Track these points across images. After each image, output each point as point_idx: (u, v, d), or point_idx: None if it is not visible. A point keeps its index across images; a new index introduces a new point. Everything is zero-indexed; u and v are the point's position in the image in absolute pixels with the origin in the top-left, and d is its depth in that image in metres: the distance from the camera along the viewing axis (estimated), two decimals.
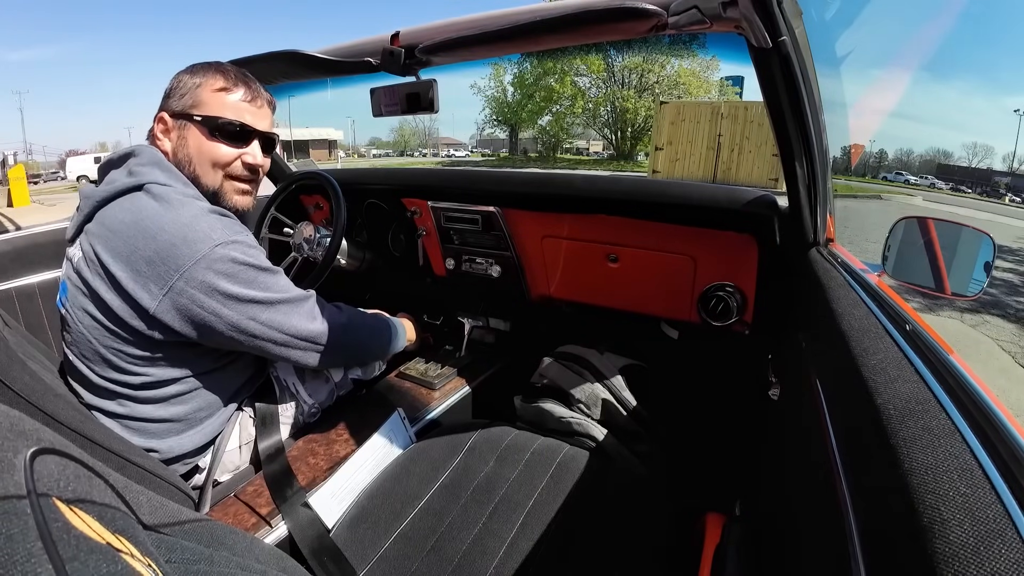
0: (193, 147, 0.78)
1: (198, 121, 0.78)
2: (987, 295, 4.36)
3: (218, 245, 0.70)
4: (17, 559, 0.22)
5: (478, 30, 0.72)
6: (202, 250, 0.69)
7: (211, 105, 0.78)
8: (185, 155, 0.79)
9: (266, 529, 0.76)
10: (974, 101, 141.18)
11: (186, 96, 0.78)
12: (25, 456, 0.28)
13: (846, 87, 0.89)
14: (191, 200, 0.74)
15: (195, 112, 0.78)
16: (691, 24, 0.59)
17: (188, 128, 0.78)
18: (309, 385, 1.02)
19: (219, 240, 0.70)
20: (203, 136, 0.78)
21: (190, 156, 0.79)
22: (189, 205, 0.72)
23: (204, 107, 0.78)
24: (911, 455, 0.29)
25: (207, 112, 0.78)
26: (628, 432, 1.09)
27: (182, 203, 0.72)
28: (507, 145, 34.32)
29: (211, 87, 0.78)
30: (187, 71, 0.80)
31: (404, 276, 1.51)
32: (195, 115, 0.78)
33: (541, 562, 0.68)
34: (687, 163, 13.18)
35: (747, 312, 1.04)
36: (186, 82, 0.79)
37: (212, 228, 0.71)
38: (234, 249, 0.72)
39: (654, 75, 22.51)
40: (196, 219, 0.71)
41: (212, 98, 0.78)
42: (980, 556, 0.22)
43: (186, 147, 0.79)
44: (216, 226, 0.71)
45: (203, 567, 0.36)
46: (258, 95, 0.82)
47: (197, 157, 0.79)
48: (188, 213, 0.71)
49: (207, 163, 0.79)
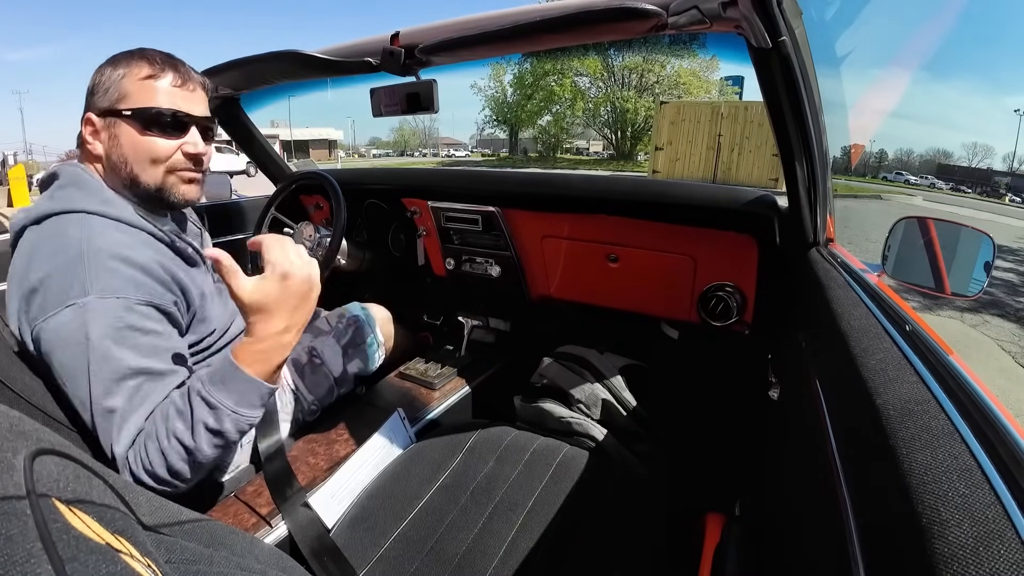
0: (127, 146, 0.71)
1: (127, 116, 0.70)
2: (987, 295, 4.36)
3: (68, 306, 0.62)
4: (17, 559, 0.22)
5: (478, 30, 0.72)
6: (54, 305, 0.62)
7: (139, 95, 0.70)
8: (120, 156, 0.72)
9: (266, 529, 0.76)
10: (974, 101, 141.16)
11: (111, 90, 0.70)
12: (25, 456, 0.28)
13: (846, 87, 0.89)
14: (94, 231, 0.66)
15: (122, 106, 0.70)
16: (691, 24, 0.59)
17: (118, 126, 0.71)
18: (309, 381, 1.03)
19: (73, 300, 0.62)
20: (135, 132, 0.71)
21: (125, 156, 0.71)
22: (88, 240, 0.65)
23: (131, 99, 0.70)
24: (911, 455, 0.29)
25: (136, 104, 0.70)
26: (628, 432, 1.09)
27: (77, 241, 0.65)
28: (507, 145, 34.35)
29: (136, 76, 0.70)
30: (108, 63, 0.72)
31: (404, 276, 1.51)
32: (123, 110, 0.70)
33: (541, 562, 0.68)
34: (687, 163, 13.19)
35: (747, 312, 1.04)
36: (109, 75, 0.71)
37: (85, 279, 0.63)
38: (92, 311, 0.62)
39: (654, 75, 22.53)
40: (74, 264, 0.63)
41: (139, 88, 0.70)
42: (979, 556, 0.22)
43: (119, 147, 0.71)
44: (91, 277, 0.63)
45: (203, 567, 0.36)
46: (189, 78, 0.74)
47: (133, 156, 0.71)
48: (72, 253, 0.64)
49: (145, 161, 0.72)
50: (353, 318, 1.16)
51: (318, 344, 1.08)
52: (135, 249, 0.68)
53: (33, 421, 0.33)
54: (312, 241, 1.28)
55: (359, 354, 1.13)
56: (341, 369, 1.08)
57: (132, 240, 0.69)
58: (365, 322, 1.17)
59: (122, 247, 0.67)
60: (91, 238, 0.65)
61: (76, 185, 0.70)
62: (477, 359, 1.30)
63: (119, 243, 0.67)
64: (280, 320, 0.66)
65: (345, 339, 1.12)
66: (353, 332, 1.14)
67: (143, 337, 0.66)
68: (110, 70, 0.71)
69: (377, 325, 1.20)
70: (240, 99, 1.25)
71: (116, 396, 0.63)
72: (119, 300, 0.64)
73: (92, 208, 0.68)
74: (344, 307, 1.20)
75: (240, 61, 1.01)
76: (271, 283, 0.65)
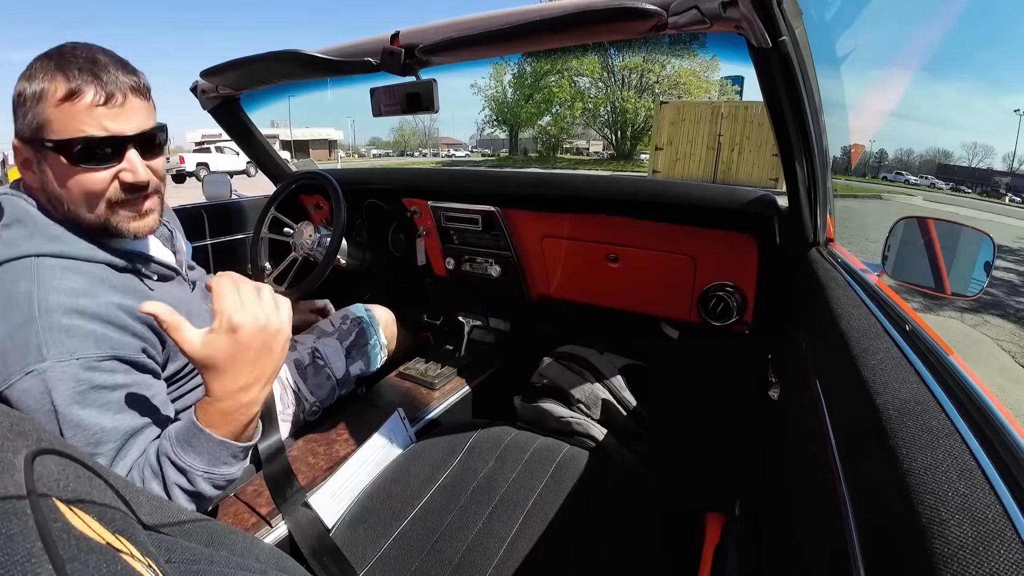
0: (58, 182, 0.62)
1: (50, 148, 0.60)
2: (987, 295, 4.36)
3: (28, 373, 0.57)
4: (17, 559, 0.22)
5: (478, 30, 0.72)
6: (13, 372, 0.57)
7: (60, 123, 0.60)
8: (54, 193, 0.63)
9: (266, 529, 0.77)
10: (974, 101, 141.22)
11: (29, 116, 0.60)
12: (25, 456, 0.28)
13: (846, 87, 0.89)
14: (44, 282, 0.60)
15: (44, 136, 0.60)
16: (691, 24, 0.59)
17: (45, 158, 0.62)
18: (311, 382, 1.03)
19: (31, 367, 0.57)
20: (63, 166, 0.61)
21: (59, 194, 0.63)
22: (39, 295, 0.59)
23: (52, 127, 0.60)
24: (911, 455, 0.29)
25: (57, 134, 0.60)
26: (628, 432, 1.09)
27: (28, 297, 0.59)
28: (507, 145, 34.35)
29: (54, 97, 0.59)
30: (24, 76, 0.61)
31: (404, 276, 1.51)
32: (45, 140, 0.60)
33: (541, 562, 0.68)
34: (687, 163, 13.19)
35: (747, 312, 1.04)
36: (26, 94, 0.60)
37: (40, 343, 0.57)
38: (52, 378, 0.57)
39: (654, 75, 22.52)
40: (27, 326, 0.58)
41: (59, 113, 0.60)
42: (979, 556, 0.23)
43: (51, 183, 0.63)
44: (46, 339, 0.58)
45: (203, 567, 0.36)
46: (115, 88, 0.61)
47: (66, 194, 0.63)
48: (24, 313, 0.58)
49: (79, 199, 0.63)
50: (357, 319, 1.16)
51: (321, 345, 1.08)
52: (91, 295, 0.62)
53: (33, 421, 0.33)
54: (312, 241, 1.28)
55: (362, 356, 1.13)
56: (344, 371, 1.08)
57: (87, 283, 0.63)
58: (369, 324, 1.17)
59: (76, 296, 0.61)
60: (42, 292, 0.59)
61: (22, 222, 0.63)
62: (477, 359, 1.30)
63: (73, 291, 0.61)
64: (235, 377, 0.59)
65: (348, 341, 1.12)
66: (357, 334, 1.14)
67: (111, 394, 0.61)
68: (26, 85, 0.60)
69: (381, 327, 1.20)
70: (240, 99, 1.25)
71: (98, 457, 0.59)
72: (79, 361, 0.59)
73: (41, 250, 0.62)
74: (348, 308, 1.20)
75: (240, 61, 1.01)
76: (219, 337, 0.58)
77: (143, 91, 0.66)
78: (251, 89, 1.17)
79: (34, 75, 0.60)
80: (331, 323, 1.15)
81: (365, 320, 1.17)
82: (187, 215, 1.44)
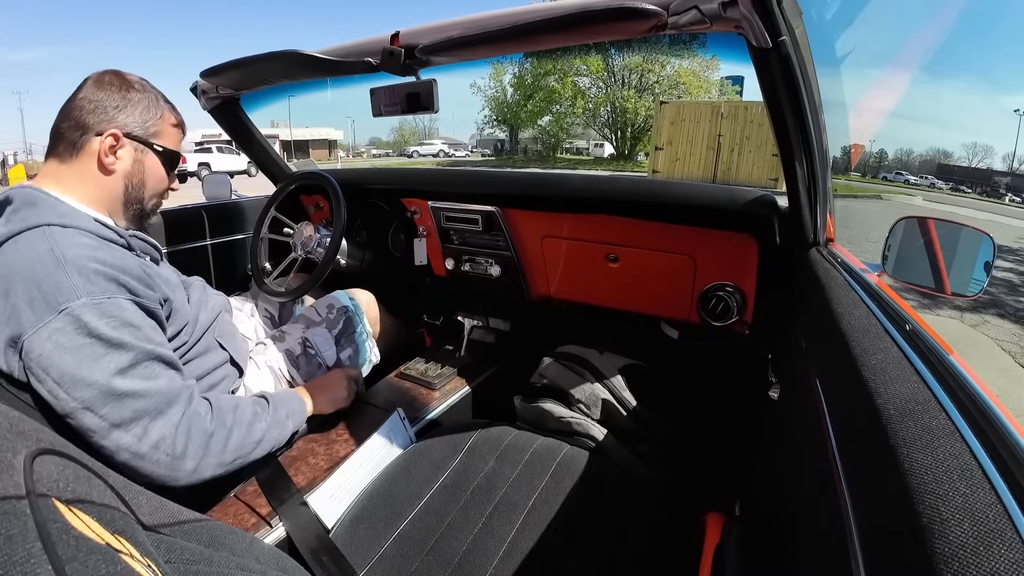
0: (150, 174, 0.81)
1: (159, 152, 0.81)
2: (987, 295, 4.36)
3: (62, 312, 0.62)
4: (17, 559, 0.22)
5: (478, 30, 0.72)
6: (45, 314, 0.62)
7: (170, 138, 0.83)
8: (139, 180, 0.80)
9: (266, 529, 0.76)
10: (974, 101, 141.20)
11: (149, 123, 0.79)
12: (25, 456, 0.28)
13: (846, 87, 0.89)
14: (60, 240, 0.66)
15: (156, 142, 0.81)
16: (691, 24, 0.59)
17: (147, 155, 0.80)
18: (304, 371, 1.05)
19: (64, 305, 0.62)
20: (160, 166, 0.82)
21: (144, 181, 0.81)
22: (59, 249, 0.65)
23: (163, 138, 0.82)
24: (911, 455, 0.29)
25: (168, 145, 0.82)
26: (628, 432, 1.09)
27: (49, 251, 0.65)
28: (507, 145, 34.34)
29: (170, 121, 0.82)
30: (139, 91, 0.79)
31: (404, 276, 1.51)
32: (156, 146, 0.81)
33: (541, 562, 0.68)
34: (687, 163, 13.18)
35: (747, 312, 1.04)
36: (149, 108, 0.79)
37: (72, 285, 0.63)
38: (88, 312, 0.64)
39: (654, 75, 22.50)
40: (54, 272, 0.63)
41: (171, 133, 0.83)
42: (980, 556, 0.22)
43: (142, 172, 0.80)
44: (77, 282, 0.64)
45: (203, 567, 0.36)
46: (183, 121, 0.87)
47: (151, 183, 0.82)
48: (48, 263, 0.64)
49: (157, 189, 0.84)
50: (343, 308, 1.18)
51: (310, 335, 1.10)
52: (105, 251, 0.70)
53: (33, 421, 0.33)
54: (312, 241, 1.28)
55: (350, 343, 1.15)
56: (335, 358, 1.10)
57: (98, 243, 0.70)
58: (354, 312, 1.19)
59: (93, 250, 0.68)
60: (61, 247, 0.65)
61: (31, 205, 0.70)
62: (477, 359, 1.30)
63: (88, 246, 0.68)
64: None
65: (336, 329, 1.14)
66: (344, 322, 1.16)
67: (140, 332, 0.69)
68: (145, 100, 0.79)
69: (363, 309, 1.22)
70: (240, 99, 1.25)
71: (132, 379, 0.65)
72: (110, 300, 0.66)
73: (51, 220, 0.68)
74: (331, 296, 1.21)
75: (240, 61, 1.01)
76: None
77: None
78: (251, 89, 1.17)
79: (151, 102, 0.80)
80: (317, 312, 1.16)
81: (350, 308, 1.19)
82: (187, 215, 1.44)
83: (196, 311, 0.89)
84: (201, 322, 0.89)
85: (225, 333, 0.95)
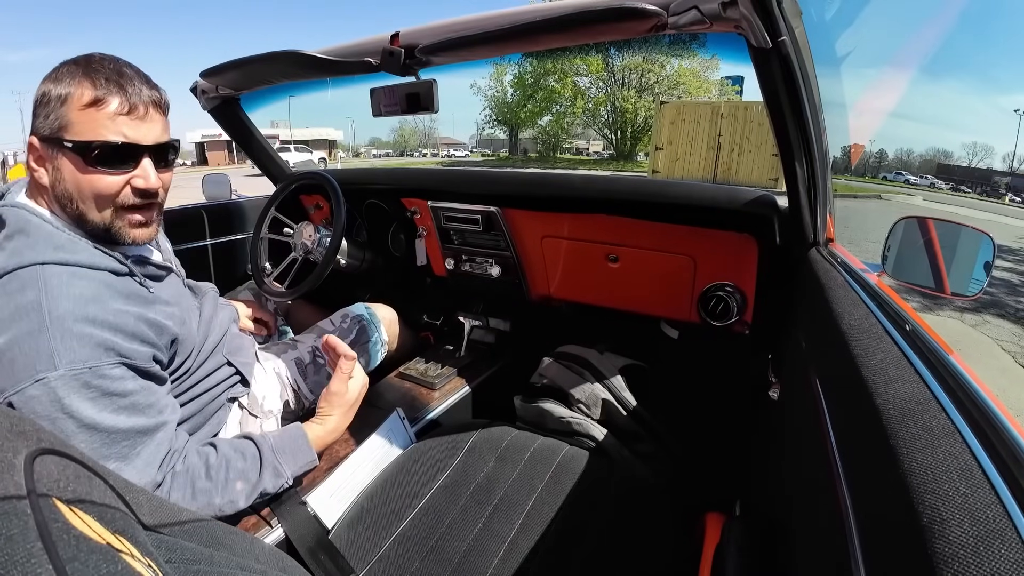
0: (70, 181, 0.65)
1: (69, 148, 0.63)
2: (987, 295, 4.36)
3: (38, 381, 0.57)
4: (17, 559, 0.22)
5: (478, 30, 0.72)
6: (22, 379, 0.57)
7: (82, 125, 0.63)
8: (64, 191, 0.65)
9: (266, 529, 0.76)
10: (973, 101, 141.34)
11: (51, 115, 0.63)
12: (25, 456, 0.28)
13: (846, 87, 0.89)
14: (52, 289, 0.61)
15: (64, 136, 0.63)
16: (691, 24, 0.59)
17: (60, 157, 0.64)
18: (311, 380, 1.03)
19: (41, 374, 0.57)
20: (79, 166, 0.64)
21: (69, 192, 0.65)
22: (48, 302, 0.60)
23: (73, 129, 0.63)
24: (911, 455, 0.29)
25: (78, 135, 0.63)
26: (628, 432, 1.09)
27: (37, 304, 0.59)
28: (507, 145, 34.33)
29: (79, 102, 0.63)
30: (51, 78, 0.64)
31: (404, 276, 1.51)
32: (64, 140, 0.63)
33: (541, 562, 0.68)
34: (687, 163, 13.18)
35: (747, 312, 1.04)
36: (50, 95, 0.63)
37: (52, 351, 0.58)
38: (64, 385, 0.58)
39: (654, 75, 22.50)
40: (37, 333, 0.58)
41: (82, 117, 0.63)
42: (980, 556, 0.22)
43: (63, 181, 0.65)
44: (58, 347, 0.58)
45: (203, 567, 0.36)
46: (138, 100, 0.65)
47: (77, 193, 0.65)
48: (34, 320, 0.59)
49: (89, 199, 0.65)
50: (357, 317, 1.16)
51: (322, 344, 1.08)
52: (100, 301, 0.63)
53: (33, 421, 0.33)
54: (312, 241, 1.28)
55: (363, 355, 1.13)
56: None
57: (94, 289, 0.64)
58: (369, 321, 1.17)
59: (86, 304, 0.62)
60: (51, 299, 0.60)
61: (24, 232, 0.64)
62: (477, 359, 1.30)
63: (82, 298, 0.62)
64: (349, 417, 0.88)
65: (349, 339, 1.12)
66: (357, 331, 1.14)
67: (123, 400, 0.63)
68: (52, 87, 0.63)
69: (383, 326, 1.20)
70: (240, 99, 1.25)
71: (108, 461, 0.61)
72: (91, 370, 0.60)
73: (45, 258, 0.62)
74: (348, 308, 1.20)
75: (240, 61, 1.01)
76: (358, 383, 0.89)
77: (163, 106, 0.70)
78: (251, 89, 1.17)
79: (60, 78, 0.63)
80: (331, 322, 1.15)
81: (365, 318, 1.17)
82: (187, 215, 1.44)
83: (205, 332, 0.84)
84: (209, 343, 0.85)
85: (233, 348, 0.91)
